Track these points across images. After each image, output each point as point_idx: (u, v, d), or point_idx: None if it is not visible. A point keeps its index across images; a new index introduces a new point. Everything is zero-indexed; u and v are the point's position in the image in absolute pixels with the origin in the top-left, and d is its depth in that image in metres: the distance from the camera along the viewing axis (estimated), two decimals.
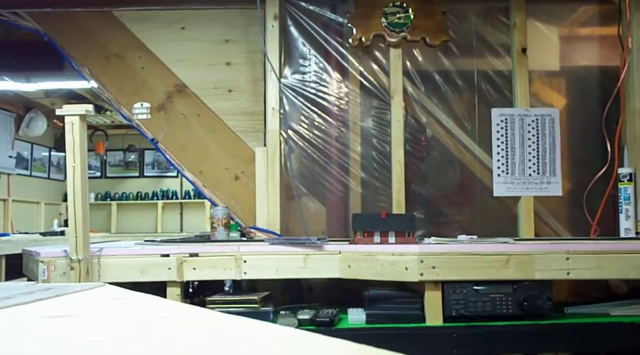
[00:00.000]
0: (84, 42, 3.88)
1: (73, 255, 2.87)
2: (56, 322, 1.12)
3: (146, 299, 1.61)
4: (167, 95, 3.84)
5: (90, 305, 1.43)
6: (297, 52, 3.71)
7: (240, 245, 3.00)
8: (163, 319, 1.20)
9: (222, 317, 1.17)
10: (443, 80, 3.67)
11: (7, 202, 7.76)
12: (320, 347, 0.79)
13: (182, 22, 3.88)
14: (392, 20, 3.51)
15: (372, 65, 3.69)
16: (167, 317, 1.24)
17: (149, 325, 1.11)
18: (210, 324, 1.09)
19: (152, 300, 1.57)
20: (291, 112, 3.67)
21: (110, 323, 1.15)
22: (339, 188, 3.66)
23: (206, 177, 3.80)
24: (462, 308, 2.71)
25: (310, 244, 2.95)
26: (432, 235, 3.35)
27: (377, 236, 3.02)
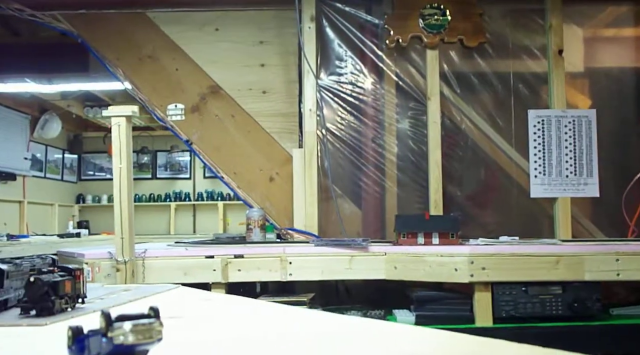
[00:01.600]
0: (117, 43, 3.88)
1: (119, 257, 2.86)
2: (173, 323, 1.12)
3: (230, 299, 1.61)
4: (201, 97, 3.83)
5: (187, 306, 1.42)
6: (333, 54, 3.70)
7: (285, 247, 3.00)
8: (272, 318, 1.19)
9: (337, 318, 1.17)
10: (479, 82, 3.67)
11: (23, 203, 7.75)
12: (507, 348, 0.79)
13: (215, 24, 3.88)
14: (430, 22, 3.51)
15: (407, 67, 3.69)
16: (272, 316, 1.23)
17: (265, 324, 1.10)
18: (338, 325, 1.09)
19: (236, 299, 1.57)
20: (327, 113, 3.66)
21: (223, 323, 1.15)
22: (375, 189, 3.66)
23: (241, 179, 3.79)
24: (512, 309, 2.70)
25: (356, 246, 2.95)
26: (468, 236, 3.34)
27: (420, 237, 3.02)
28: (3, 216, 7.39)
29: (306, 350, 0.83)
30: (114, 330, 0.65)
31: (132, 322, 0.66)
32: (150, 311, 0.69)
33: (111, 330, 0.65)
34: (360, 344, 0.87)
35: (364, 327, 1.04)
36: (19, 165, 7.69)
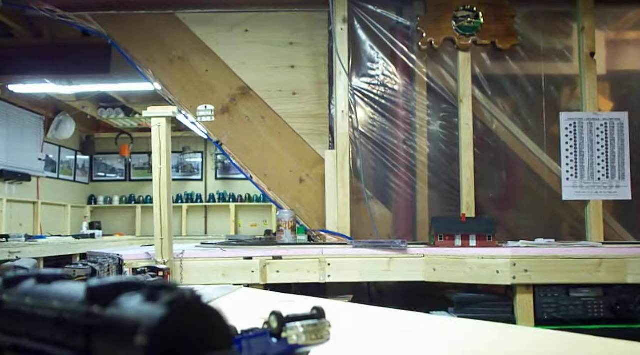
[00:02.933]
0: (147, 44, 3.88)
1: (158, 258, 2.86)
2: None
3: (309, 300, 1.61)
4: (231, 98, 3.83)
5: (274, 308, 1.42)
6: (364, 55, 3.71)
7: (323, 248, 3.00)
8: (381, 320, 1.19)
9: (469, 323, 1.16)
10: (510, 84, 3.67)
11: (37, 204, 7.75)
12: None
13: (245, 25, 3.89)
14: (463, 24, 3.51)
15: (438, 69, 3.69)
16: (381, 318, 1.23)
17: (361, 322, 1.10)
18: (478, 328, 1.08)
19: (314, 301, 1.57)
20: (359, 115, 3.66)
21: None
22: (406, 191, 3.66)
23: (271, 180, 3.79)
24: (553, 311, 2.70)
25: (395, 247, 2.95)
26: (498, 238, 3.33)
27: (458, 239, 3.02)
28: (18, 217, 7.38)
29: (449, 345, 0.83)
30: (288, 331, 0.65)
31: (301, 322, 0.66)
32: (315, 311, 0.69)
33: (285, 331, 0.65)
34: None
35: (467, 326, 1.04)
36: (33, 166, 7.69)
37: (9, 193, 7.22)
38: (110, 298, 0.37)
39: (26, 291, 0.44)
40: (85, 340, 0.37)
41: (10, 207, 7.18)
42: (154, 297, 0.35)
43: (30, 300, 0.42)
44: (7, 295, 0.45)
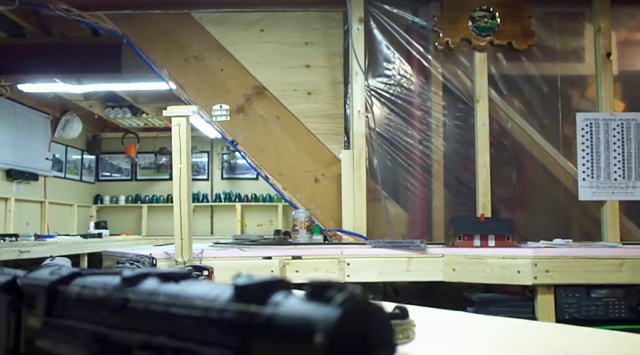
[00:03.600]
0: (162, 44, 3.88)
1: (178, 257, 2.86)
2: None
3: None
4: (246, 98, 3.83)
5: None
6: (380, 55, 3.70)
7: (343, 248, 3.00)
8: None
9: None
10: (526, 85, 3.67)
11: (44, 204, 7.75)
12: None
13: (260, 24, 3.89)
14: (479, 25, 3.51)
15: (454, 69, 3.69)
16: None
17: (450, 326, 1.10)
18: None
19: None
20: (374, 115, 3.66)
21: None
22: (421, 190, 3.66)
23: (286, 180, 3.79)
24: (575, 312, 2.70)
25: (414, 247, 2.95)
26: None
27: (477, 239, 3.02)
28: (25, 216, 7.38)
29: None
30: None
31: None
32: (398, 310, 0.69)
33: None
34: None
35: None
36: (40, 166, 7.69)
37: (17, 192, 7.22)
38: (260, 296, 0.37)
39: (154, 290, 0.44)
40: (240, 339, 0.36)
41: (18, 207, 7.18)
42: (317, 296, 0.35)
43: (166, 299, 0.42)
44: (133, 294, 0.45)
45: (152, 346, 0.42)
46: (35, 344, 0.54)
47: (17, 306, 0.56)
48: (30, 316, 0.55)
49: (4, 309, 0.57)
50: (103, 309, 0.47)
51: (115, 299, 0.46)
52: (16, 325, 0.56)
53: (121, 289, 0.46)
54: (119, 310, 0.45)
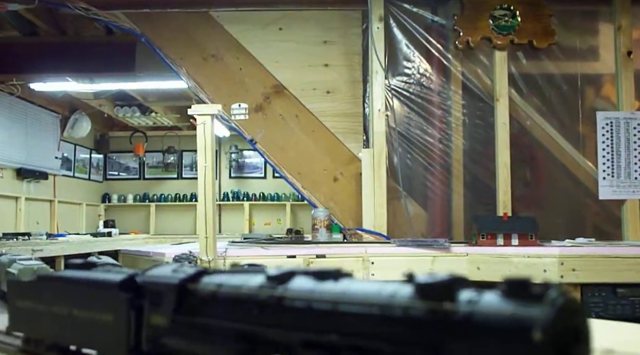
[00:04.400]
0: (180, 42, 3.87)
1: (203, 256, 2.85)
2: None
3: None
4: (264, 96, 3.83)
5: None
6: (400, 54, 3.70)
7: (367, 247, 2.99)
8: None
9: None
10: (546, 83, 3.66)
11: (54, 203, 7.74)
12: None
13: (279, 23, 3.88)
14: (500, 23, 3.51)
15: (474, 67, 3.69)
16: None
17: None
18: None
19: None
20: (394, 114, 3.66)
21: None
22: (441, 189, 3.65)
23: (305, 179, 3.79)
24: (601, 310, 2.69)
25: (438, 246, 2.95)
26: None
27: (500, 238, 3.02)
28: (35, 215, 7.38)
29: None
30: None
31: None
32: None
33: None
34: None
35: None
36: (50, 165, 7.68)
37: (27, 191, 7.22)
38: (446, 294, 0.37)
39: (313, 288, 0.44)
40: (432, 337, 0.36)
41: (28, 206, 7.18)
42: (518, 294, 0.35)
43: (333, 297, 0.42)
44: (288, 292, 0.45)
45: (318, 344, 0.42)
46: (161, 342, 0.54)
47: (138, 304, 0.56)
48: (154, 314, 0.54)
49: (123, 307, 0.57)
50: (251, 307, 0.47)
51: (268, 298, 0.45)
52: (137, 323, 0.56)
53: (269, 288, 0.46)
54: (272, 308, 0.45)
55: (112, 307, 0.58)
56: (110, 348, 0.59)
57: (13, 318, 0.74)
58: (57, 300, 0.66)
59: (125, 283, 0.58)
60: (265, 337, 0.46)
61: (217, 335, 0.49)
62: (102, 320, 0.59)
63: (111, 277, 0.59)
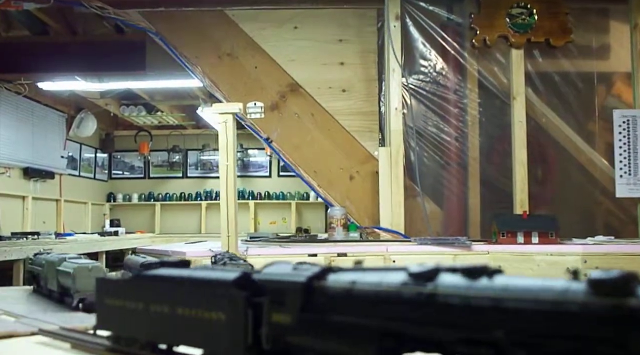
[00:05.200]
0: (196, 41, 3.87)
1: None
2: None
3: None
4: (280, 95, 3.83)
5: None
6: (416, 52, 3.70)
7: (388, 246, 3.00)
8: None
9: None
10: (562, 81, 3.67)
11: (60, 202, 7.74)
12: None
13: (294, 21, 3.88)
14: (517, 22, 3.51)
15: (490, 66, 3.69)
16: None
17: None
18: None
19: None
20: (411, 112, 3.66)
21: None
22: (457, 187, 3.66)
23: (321, 177, 3.79)
24: None
25: (460, 244, 2.95)
26: None
27: (520, 236, 3.02)
28: (42, 214, 7.37)
29: None
30: None
31: None
32: None
33: None
34: None
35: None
36: (56, 164, 7.67)
37: (33, 190, 7.21)
38: (623, 290, 0.37)
39: (468, 286, 0.44)
40: (616, 332, 0.36)
41: (35, 205, 7.17)
42: None
43: (496, 294, 0.42)
44: (440, 288, 0.45)
45: (479, 341, 0.42)
46: (284, 340, 0.54)
47: (255, 302, 0.56)
48: (276, 312, 0.54)
49: (239, 305, 0.57)
50: (394, 304, 0.47)
51: (416, 295, 0.45)
52: (254, 321, 0.56)
53: (416, 285, 0.46)
54: (420, 305, 0.45)
55: (226, 305, 0.58)
56: (224, 346, 0.58)
57: (101, 317, 0.74)
58: (157, 299, 0.65)
59: (240, 281, 0.58)
60: (411, 334, 0.46)
61: (354, 333, 0.49)
62: (212, 318, 0.59)
63: (224, 276, 0.59)
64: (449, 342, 0.43)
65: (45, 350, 0.84)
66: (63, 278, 1.24)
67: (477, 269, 0.44)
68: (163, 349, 0.69)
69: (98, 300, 0.75)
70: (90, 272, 1.18)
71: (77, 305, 1.18)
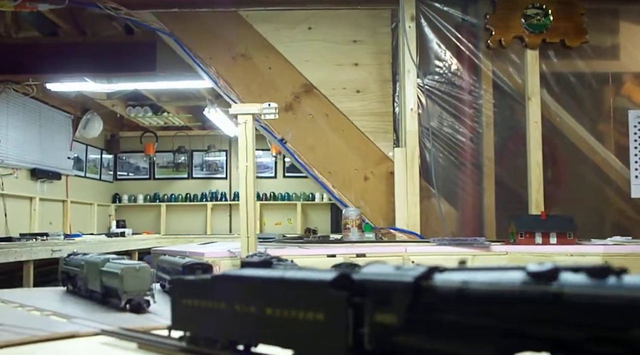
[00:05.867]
0: (210, 42, 3.87)
1: (245, 255, 2.85)
2: None
3: None
4: (294, 96, 3.83)
5: None
6: (431, 53, 3.70)
7: (407, 246, 3.00)
8: None
9: None
10: (576, 82, 3.67)
11: (66, 203, 7.73)
12: None
13: (308, 22, 3.88)
14: (532, 22, 3.51)
15: (505, 66, 3.69)
16: None
17: None
18: None
19: None
20: (425, 113, 3.66)
21: None
22: (473, 188, 3.66)
23: (335, 178, 3.79)
24: None
25: (478, 245, 2.95)
26: None
27: (538, 237, 3.02)
28: (49, 215, 7.36)
29: None
30: None
31: None
32: None
33: None
34: None
35: None
36: (63, 165, 7.67)
37: (40, 191, 7.20)
38: None
39: (597, 285, 0.44)
40: None
41: (42, 206, 7.16)
42: None
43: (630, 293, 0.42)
44: (567, 288, 0.45)
45: (613, 340, 0.42)
46: (390, 340, 0.54)
47: (355, 302, 0.56)
48: (380, 312, 0.54)
49: (339, 305, 0.57)
50: (515, 304, 0.47)
51: (541, 294, 0.45)
52: (356, 321, 0.56)
53: (538, 284, 0.46)
54: (544, 305, 0.45)
55: (325, 305, 0.58)
56: (321, 347, 0.58)
57: (177, 317, 0.74)
58: (243, 299, 0.65)
59: (339, 281, 0.58)
60: (533, 334, 0.46)
61: (470, 333, 0.49)
62: (308, 319, 0.59)
63: (320, 276, 0.59)
64: (577, 342, 0.43)
65: (113, 350, 0.84)
66: (108, 279, 1.24)
67: (602, 268, 0.44)
68: (252, 350, 0.69)
69: (173, 300, 0.75)
70: (138, 273, 1.18)
71: (125, 306, 1.18)
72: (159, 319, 1.09)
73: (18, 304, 1.33)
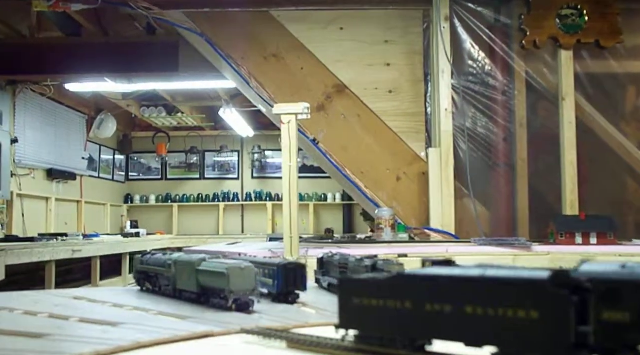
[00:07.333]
0: (241, 42, 3.87)
1: (288, 256, 2.85)
2: None
3: None
4: (326, 96, 3.83)
5: None
6: (464, 53, 3.70)
7: (448, 246, 2.99)
8: None
9: None
10: (610, 83, 3.67)
11: (81, 203, 7.71)
12: None
13: (339, 22, 3.88)
14: (567, 23, 3.52)
15: (538, 67, 3.69)
16: None
17: None
18: None
19: None
20: (459, 113, 3.66)
21: None
22: (506, 189, 3.66)
23: (368, 178, 3.78)
24: None
25: (520, 245, 2.95)
26: None
27: (578, 237, 3.02)
28: (63, 215, 7.35)
29: None
30: None
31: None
32: None
33: None
34: None
35: None
36: (77, 165, 7.66)
37: (56, 192, 7.19)
38: None
39: None
40: None
41: (57, 206, 7.15)
42: None
43: None
44: None
45: None
46: (619, 338, 0.54)
47: (574, 300, 0.56)
48: (609, 311, 0.54)
49: (560, 303, 0.57)
50: None
51: None
52: (578, 319, 0.56)
53: None
54: None
55: (542, 304, 0.58)
56: (535, 344, 0.58)
57: (346, 316, 0.74)
58: (435, 298, 0.65)
59: (558, 279, 0.58)
60: None
61: None
62: (519, 317, 0.59)
63: (535, 274, 0.59)
64: None
65: (261, 350, 0.84)
66: (209, 278, 1.23)
67: None
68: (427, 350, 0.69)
69: (342, 300, 0.75)
70: (243, 272, 1.17)
71: (231, 306, 1.18)
72: (280, 319, 1.09)
73: (111, 303, 1.32)
